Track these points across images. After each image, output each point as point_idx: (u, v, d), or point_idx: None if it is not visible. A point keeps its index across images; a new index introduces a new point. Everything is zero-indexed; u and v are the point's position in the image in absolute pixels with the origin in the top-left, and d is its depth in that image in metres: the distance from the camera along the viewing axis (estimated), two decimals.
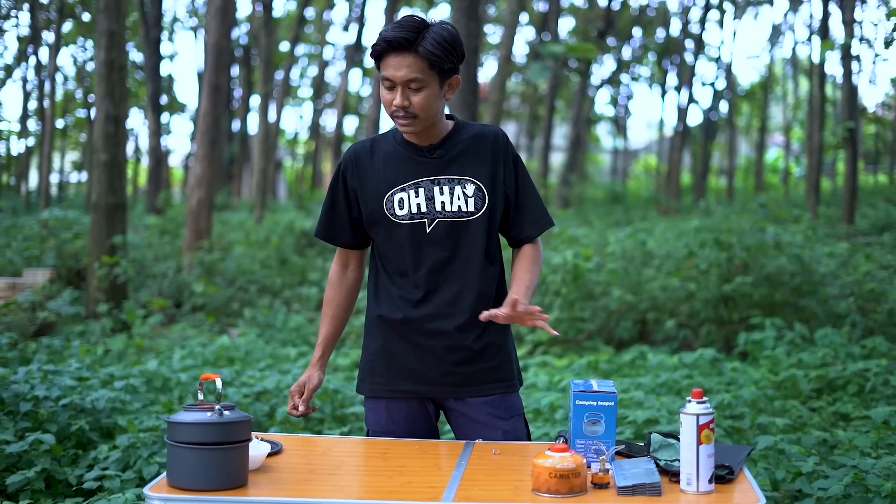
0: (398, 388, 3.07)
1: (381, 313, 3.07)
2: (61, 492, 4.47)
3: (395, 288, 3.05)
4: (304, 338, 9.36)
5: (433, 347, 3.02)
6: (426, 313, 3.00)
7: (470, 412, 3.06)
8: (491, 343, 3.06)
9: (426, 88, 2.89)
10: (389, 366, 3.07)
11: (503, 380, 3.08)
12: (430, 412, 3.11)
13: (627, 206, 26.04)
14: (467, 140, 3.04)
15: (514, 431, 3.06)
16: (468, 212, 2.99)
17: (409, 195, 3.00)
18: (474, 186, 3.00)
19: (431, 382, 3.05)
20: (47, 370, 5.44)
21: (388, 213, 3.01)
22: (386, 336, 3.07)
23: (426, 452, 2.89)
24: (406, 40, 2.84)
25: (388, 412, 3.09)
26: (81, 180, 35.71)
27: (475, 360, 3.03)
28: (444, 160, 3.01)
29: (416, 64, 2.86)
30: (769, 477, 4.27)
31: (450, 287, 3.01)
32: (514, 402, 3.11)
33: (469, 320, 3.00)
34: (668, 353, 7.97)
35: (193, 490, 2.49)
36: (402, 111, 2.90)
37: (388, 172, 3.03)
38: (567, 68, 28.00)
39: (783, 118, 40.30)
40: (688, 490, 2.49)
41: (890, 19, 17.34)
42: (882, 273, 9.12)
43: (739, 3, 31.54)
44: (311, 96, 37.29)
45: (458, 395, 3.06)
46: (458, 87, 3.00)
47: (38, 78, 25.72)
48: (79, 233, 11.74)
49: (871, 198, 22.51)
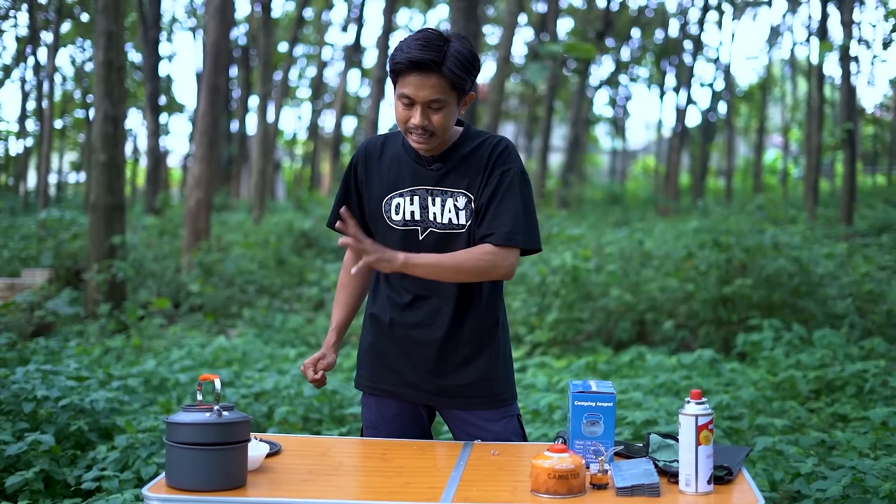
0: (379, 386, 3.10)
1: (374, 311, 3.11)
2: (60, 492, 4.47)
3: (388, 289, 3.07)
4: (303, 338, 9.36)
5: (415, 355, 3.03)
6: (411, 320, 3.02)
7: (458, 417, 3.07)
8: (473, 360, 3.03)
9: (445, 108, 2.86)
10: (376, 364, 3.11)
11: (485, 396, 3.05)
12: (421, 413, 3.11)
13: (626, 207, 26.05)
14: (468, 152, 3.00)
15: (505, 432, 3.05)
16: (458, 224, 2.97)
17: (405, 201, 3.00)
18: (465, 199, 2.97)
19: (412, 387, 3.06)
20: (46, 370, 5.43)
21: (385, 215, 3.02)
22: (376, 334, 3.11)
23: (425, 453, 2.90)
24: (433, 62, 2.80)
25: (378, 409, 3.12)
26: (80, 181, 35.69)
27: (455, 374, 3.03)
28: (440, 172, 2.99)
29: (440, 85, 2.83)
30: (767, 478, 4.27)
31: (435, 297, 3.00)
32: (500, 412, 3.08)
33: (448, 334, 3.00)
34: (666, 354, 7.97)
35: (192, 491, 2.49)
36: (420, 129, 2.87)
37: (392, 175, 3.03)
38: (566, 68, 28.01)
39: (781, 119, 40.33)
40: (686, 491, 2.49)
41: (888, 20, 17.35)
42: (880, 274, 9.12)
43: (738, 4, 31.54)
44: (310, 97, 37.28)
45: (436, 405, 3.09)
46: (471, 102, 2.97)
47: (37, 78, 25.70)
48: (77, 233, 11.73)
49: (869, 199, 22.52)
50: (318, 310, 11.00)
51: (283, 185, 39.62)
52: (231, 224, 17.39)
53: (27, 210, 23.39)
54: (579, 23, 31.10)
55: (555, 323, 8.62)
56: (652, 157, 46.07)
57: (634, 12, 32.11)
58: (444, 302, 2.99)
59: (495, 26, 30.66)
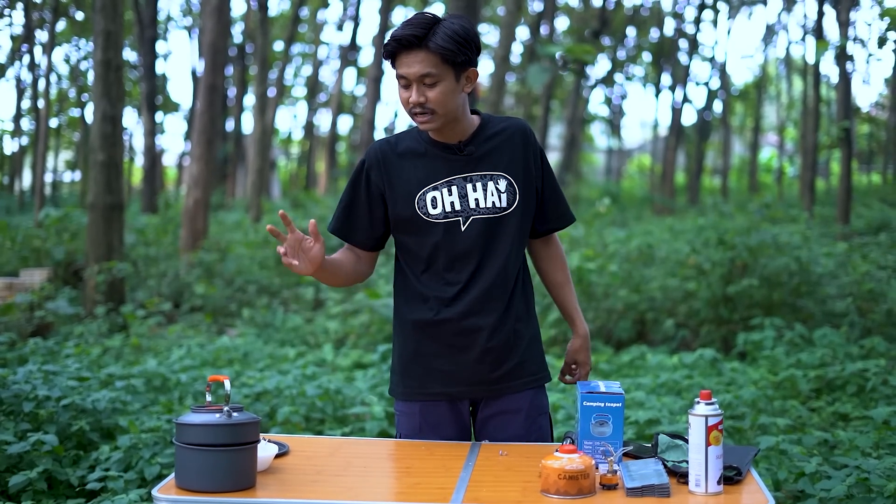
0: (431, 390, 3.04)
1: (414, 317, 3.03)
2: (63, 492, 4.46)
3: (426, 288, 3.02)
4: (302, 338, 9.35)
5: (466, 346, 2.99)
6: (460, 311, 2.97)
7: (501, 408, 3.04)
8: (522, 337, 3.05)
9: (441, 83, 2.87)
10: (423, 368, 3.04)
11: (535, 373, 3.08)
12: (462, 413, 3.07)
13: (622, 206, 26.05)
14: (496, 135, 3.03)
15: (539, 430, 3.07)
16: (501, 207, 2.98)
17: (441, 193, 2.97)
18: (506, 182, 2.99)
19: (464, 383, 3.02)
20: (48, 370, 5.42)
21: (420, 212, 2.97)
22: (419, 340, 3.04)
23: (433, 454, 2.89)
24: (416, 37, 2.83)
25: (423, 415, 3.05)
26: (75, 179, 35.64)
27: (509, 354, 3.02)
28: (475, 157, 2.99)
29: (429, 59, 2.84)
30: (771, 477, 4.28)
31: (482, 284, 2.98)
32: (542, 400, 3.11)
33: (502, 316, 3.00)
34: (667, 354, 7.98)
35: (202, 492, 2.48)
36: (419, 107, 2.88)
37: (419, 171, 2.99)
38: (564, 68, 28.02)
39: (777, 118, 40.41)
40: (696, 491, 2.49)
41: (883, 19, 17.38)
42: (880, 273, 9.13)
43: (733, 3, 31.59)
44: (306, 96, 37.26)
45: (491, 394, 3.04)
46: (476, 79, 2.96)
47: (33, 76, 25.66)
48: (75, 232, 11.71)
49: (865, 198, 22.59)
50: (316, 309, 11.00)
51: (279, 185, 39.60)
52: (228, 224, 17.37)
53: (23, 209, 23.35)
54: (575, 22, 31.12)
55: (556, 322, 8.61)
56: (647, 155, 46.14)
57: (630, 11, 32.13)
58: (488, 287, 2.98)
59: (490, 25, 30.65)
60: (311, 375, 6.56)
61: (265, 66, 20.42)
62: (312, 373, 6.66)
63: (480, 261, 2.98)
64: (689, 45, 30.82)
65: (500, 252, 2.99)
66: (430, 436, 3.04)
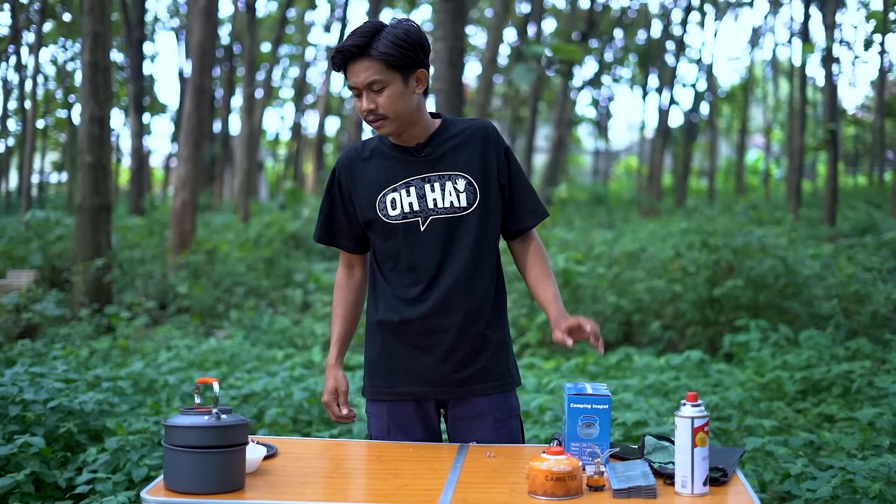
0: (396, 390, 3.07)
1: (380, 317, 3.07)
2: (51, 495, 4.44)
3: (391, 288, 3.06)
4: (290, 339, 9.35)
5: (430, 346, 3.02)
6: (423, 312, 3.00)
7: (468, 412, 3.06)
8: (490, 342, 3.06)
9: (388, 87, 2.90)
10: (388, 368, 3.07)
11: (502, 378, 3.08)
12: (430, 415, 3.09)
13: (609, 208, 26.11)
14: (456, 135, 3.06)
15: (510, 433, 3.08)
16: (461, 207, 3.00)
17: (400, 195, 3.00)
18: (465, 181, 3.01)
19: (428, 383, 3.04)
20: (35, 372, 5.40)
21: (380, 214, 3.01)
22: (384, 339, 3.08)
23: (421, 455, 2.90)
24: (358, 46, 2.87)
25: (390, 416, 3.08)
26: (62, 181, 35.53)
27: (474, 358, 3.03)
28: (432, 158, 3.02)
29: (373, 66, 2.87)
30: (757, 478, 4.30)
31: (445, 284, 3.00)
32: (512, 403, 3.12)
33: (467, 317, 3.01)
34: (653, 355, 8.00)
35: (191, 494, 2.49)
36: (371, 114, 2.93)
37: (380, 174, 3.04)
38: (551, 69, 28.05)
39: (763, 120, 40.55)
40: (682, 493, 2.51)
41: (869, 21, 17.46)
42: (866, 275, 9.17)
43: (720, 5, 31.69)
44: (293, 97, 37.22)
45: (457, 395, 3.06)
46: (427, 80, 2.99)
47: (20, 77, 25.58)
48: (62, 234, 11.67)
49: (851, 199, 22.69)
50: (304, 311, 10.99)
51: (266, 186, 39.53)
52: (215, 225, 17.33)
53: (9, 210, 23.26)
54: (562, 24, 31.16)
55: (544, 325, 8.63)
56: (634, 157, 46.23)
57: (617, 13, 32.20)
58: (451, 287, 3.00)
59: (477, 27, 30.68)
60: (298, 377, 6.55)
61: (253, 68, 20.40)
62: (300, 375, 6.66)
63: (442, 261, 3.01)
64: (676, 47, 30.92)
65: (461, 252, 3.01)
66: (398, 437, 3.07)
